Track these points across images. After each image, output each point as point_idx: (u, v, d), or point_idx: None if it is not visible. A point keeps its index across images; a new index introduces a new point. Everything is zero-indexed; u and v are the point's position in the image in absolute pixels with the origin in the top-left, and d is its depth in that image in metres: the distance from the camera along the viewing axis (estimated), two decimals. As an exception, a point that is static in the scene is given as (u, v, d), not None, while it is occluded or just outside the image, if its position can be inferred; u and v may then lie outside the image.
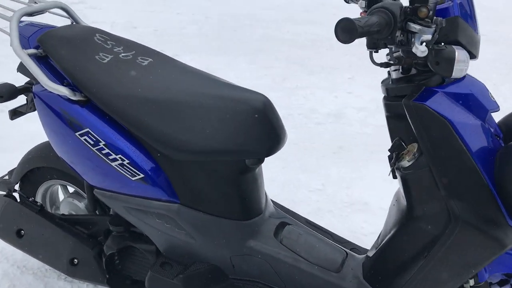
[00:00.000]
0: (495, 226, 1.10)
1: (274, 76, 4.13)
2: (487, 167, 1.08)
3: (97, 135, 1.38)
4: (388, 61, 1.12)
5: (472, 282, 1.24)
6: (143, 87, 1.39)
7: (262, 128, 1.35)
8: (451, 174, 1.09)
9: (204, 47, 4.76)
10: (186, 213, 1.42)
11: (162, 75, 1.45)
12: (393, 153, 1.18)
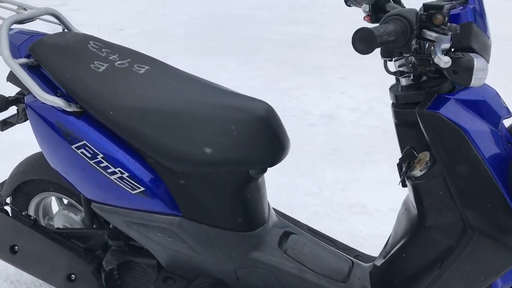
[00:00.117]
0: (511, 235, 1.07)
1: (265, 77, 4.09)
2: (502, 176, 1.06)
3: (94, 147, 1.33)
4: (403, 69, 1.09)
5: None
6: (141, 97, 1.34)
7: (265, 137, 1.31)
8: (466, 183, 1.06)
9: (193, 48, 4.71)
10: (188, 226, 1.37)
11: (160, 84, 1.41)
12: (404, 162, 1.15)
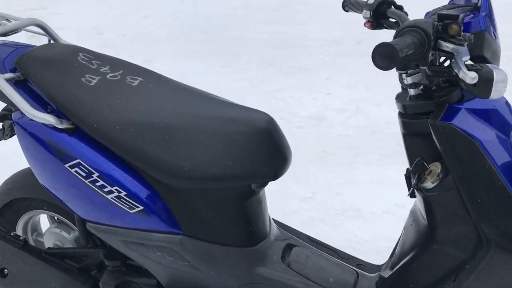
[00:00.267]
0: None
1: (250, 79, 4.04)
2: None
3: (89, 166, 1.27)
4: (418, 82, 1.05)
5: None
6: (136, 111, 1.28)
7: (268, 149, 1.28)
8: (482, 196, 1.04)
9: (175, 51, 4.62)
10: (189, 244, 1.32)
11: (155, 96, 1.35)
12: (414, 173, 1.12)
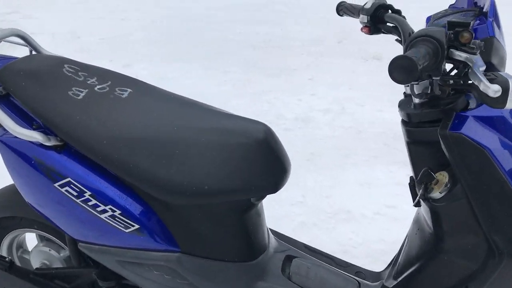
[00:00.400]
0: None
1: (233, 81, 3.99)
2: None
3: (80, 184, 1.20)
4: (430, 92, 1.02)
5: None
6: (128, 125, 1.22)
7: (267, 161, 1.23)
8: (493, 206, 1.01)
9: (155, 53, 4.54)
10: (188, 261, 1.27)
11: (146, 108, 1.29)
12: (421, 183, 1.09)
